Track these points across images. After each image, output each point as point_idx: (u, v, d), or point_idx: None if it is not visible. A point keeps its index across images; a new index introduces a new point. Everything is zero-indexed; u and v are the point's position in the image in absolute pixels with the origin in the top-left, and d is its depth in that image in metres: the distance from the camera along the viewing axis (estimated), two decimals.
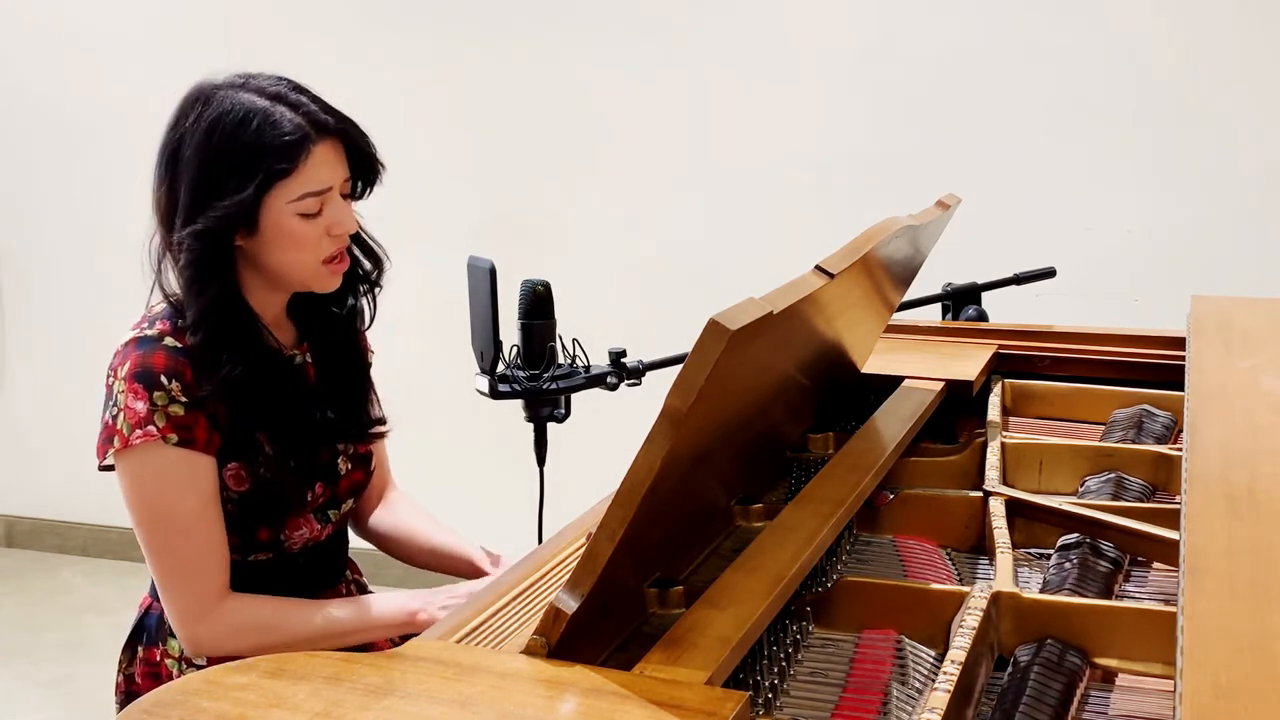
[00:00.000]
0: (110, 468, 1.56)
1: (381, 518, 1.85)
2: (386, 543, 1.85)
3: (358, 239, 1.65)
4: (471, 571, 1.75)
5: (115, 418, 1.52)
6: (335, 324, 1.70)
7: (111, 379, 1.54)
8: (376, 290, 1.72)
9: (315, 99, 1.54)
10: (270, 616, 1.56)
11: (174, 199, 1.53)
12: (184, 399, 1.51)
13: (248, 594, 1.58)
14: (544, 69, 3.50)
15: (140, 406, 1.50)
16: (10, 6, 3.98)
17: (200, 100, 1.52)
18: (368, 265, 1.69)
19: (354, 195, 1.60)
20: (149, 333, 1.54)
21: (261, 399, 1.56)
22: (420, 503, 1.89)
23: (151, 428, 1.49)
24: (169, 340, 1.53)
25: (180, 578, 1.54)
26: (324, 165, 1.52)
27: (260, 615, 1.56)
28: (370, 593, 1.83)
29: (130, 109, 3.80)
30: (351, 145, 1.56)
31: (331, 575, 1.74)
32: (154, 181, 1.57)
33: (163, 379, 1.50)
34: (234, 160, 1.49)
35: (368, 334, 1.77)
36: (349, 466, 1.71)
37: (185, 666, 1.62)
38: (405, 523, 1.84)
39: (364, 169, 1.59)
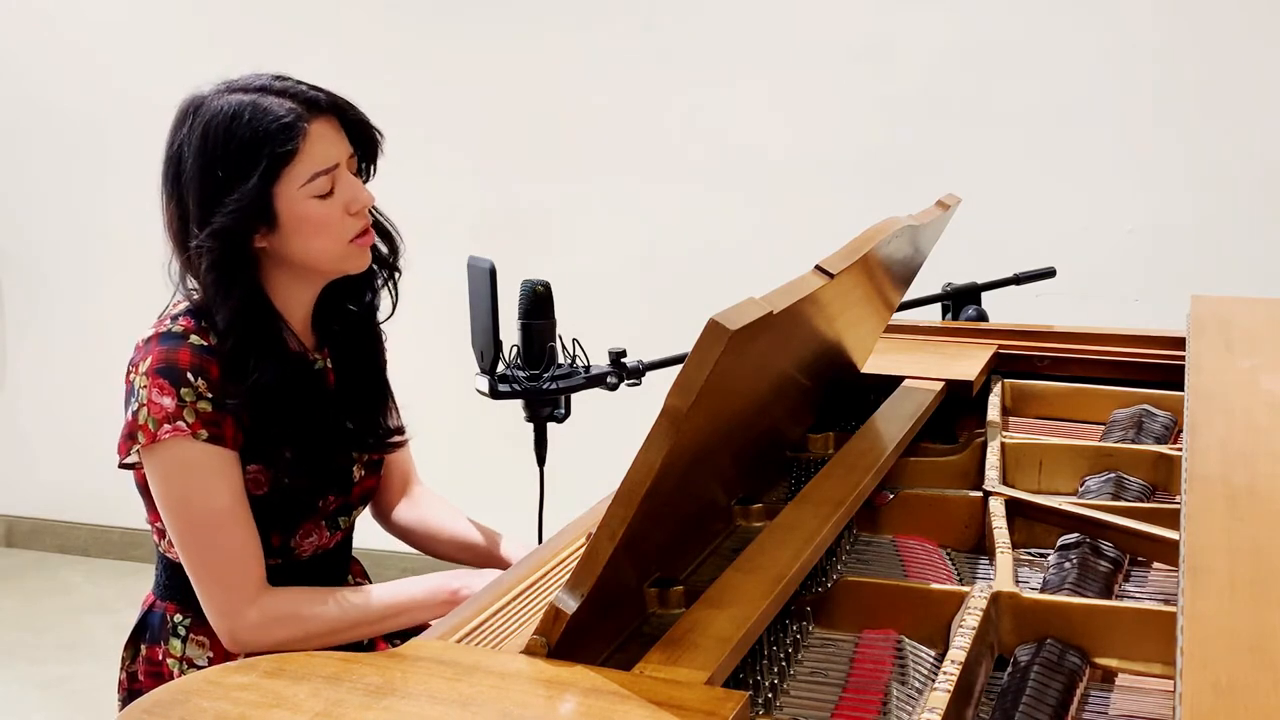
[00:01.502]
0: (130, 466, 1.55)
1: (405, 512, 1.85)
2: (411, 536, 1.85)
3: (373, 220, 1.65)
4: (498, 564, 1.75)
5: (138, 414, 1.50)
6: (355, 325, 1.69)
7: (133, 374, 1.52)
8: (396, 275, 1.71)
9: (300, 82, 1.54)
10: (307, 604, 1.53)
11: (184, 211, 1.52)
12: (210, 395, 1.50)
13: (281, 586, 1.56)
14: (543, 69, 3.49)
15: (167, 402, 1.48)
16: (10, 7, 3.98)
17: (190, 111, 1.53)
18: (384, 248, 1.68)
19: (361, 173, 1.61)
20: (173, 329, 1.53)
21: (287, 406, 1.55)
22: (446, 499, 1.89)
23: (181, 423, 1.48)
24: (194, 338, 1.52)
25: (217, 573, 1.52)
26: (324, 141, 1.52)
27: (297, 604, 1.53)
28: None
29: (130, 109, 3.80)
30: (346, 119, 1.56)
31: (336, 579, 1.74)
32: (162, 203, 1.56)
33: (189, 375, 1.49)
34: (235, 155, 1.48)
35: (384, 325, 1.75)
36: (363, 474, 1.71)
37: (186, 667, 1.62)
38: (432, 517, 1.84)
39: (364, 140, 1.59)
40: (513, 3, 3.49)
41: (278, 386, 1.53)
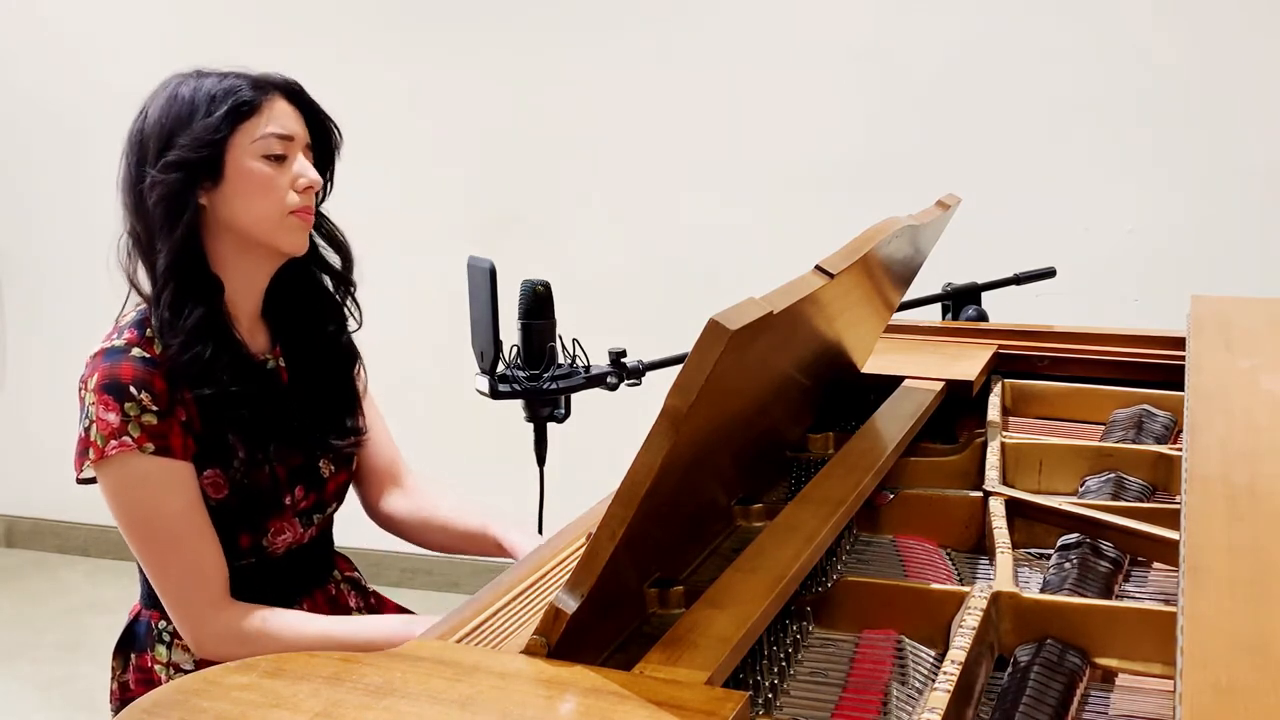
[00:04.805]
0: (89, 481, 1.56)
1: (398, 502, 1.83)
2: (403, 527, 1.82)
3: (321, 229, 1.66)
4: (497, 551, 1.73)
5: (88, 430, 1.51)
6: (310, 325, 1.69)
7: (82, 391, 1.54)
8: (352, 289, 1.72)
9: (268, 73, 1.61)
10: (280, 625, 1.54)
11: (142, 155, 1.56)
12: (155, 408, 1.51)
13: (251, 604, 1.56)
14: (544, 69, 3.49)
15: (112, 418, 1.49)
16: (10, 7, 3.98)
17: (162, 85, 1.60)
18: (336, 261, 1.69)
19: (318, 168, 1.62)
20: (116, 343, 1.54)
21: (225, 391, 1.54)
22: (443, 485, 1.86)
23: (126, 438, 1.49)
24: (136, 350, 1.53)
25: (177, 586, 1.53)
26: (284, 114, 1.57)
27: (273, 626, 1.53)
28: (367, 590, 1.82)
29: (132, 109, 3.80)
30: (305, 106, 1.61)
31: (318, 575, 1.73)
32: (120, 166, 1.60)
33: (131, 389, 1.50)
34: (199, 103, 1.54)
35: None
36: (332, 469, 1.70)
37: (174, 673, 1.62)
38: (427, 506, 1.82)
39: (320, 133, 1.63)
40: (514, 2, 3.49)
41: (209, 332, 1.54)
